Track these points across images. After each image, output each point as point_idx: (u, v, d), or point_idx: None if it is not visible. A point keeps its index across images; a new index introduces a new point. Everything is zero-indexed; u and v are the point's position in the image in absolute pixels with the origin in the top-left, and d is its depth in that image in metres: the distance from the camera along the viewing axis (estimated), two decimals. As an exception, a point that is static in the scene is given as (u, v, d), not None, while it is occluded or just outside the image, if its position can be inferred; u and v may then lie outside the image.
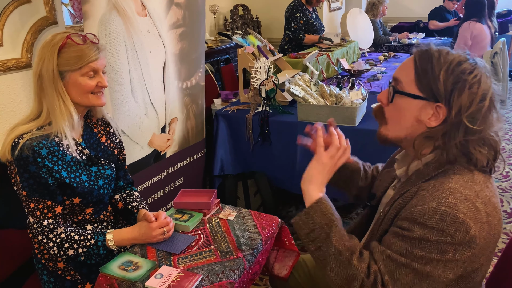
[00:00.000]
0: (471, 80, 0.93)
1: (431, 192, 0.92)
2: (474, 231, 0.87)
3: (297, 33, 3.92)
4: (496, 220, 0.93)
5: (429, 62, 0.96)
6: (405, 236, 0.92)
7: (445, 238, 0.87)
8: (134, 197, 1.56)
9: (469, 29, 4.37)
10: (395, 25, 6.62)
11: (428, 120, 0.97)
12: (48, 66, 1.25)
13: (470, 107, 0.92)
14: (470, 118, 0.93)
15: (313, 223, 1.02)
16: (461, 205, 0.88)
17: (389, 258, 0.94)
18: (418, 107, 0.98)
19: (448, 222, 0.87)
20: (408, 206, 0.95)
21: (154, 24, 1.97)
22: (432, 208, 0.89)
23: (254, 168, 2.47)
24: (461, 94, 0.92)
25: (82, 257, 1.32)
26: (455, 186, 0.91)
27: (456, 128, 0.94)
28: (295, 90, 2.24)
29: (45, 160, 1.25)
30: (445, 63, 0.94)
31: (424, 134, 0.98)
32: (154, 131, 2.10)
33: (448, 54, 0.96)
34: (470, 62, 0.95)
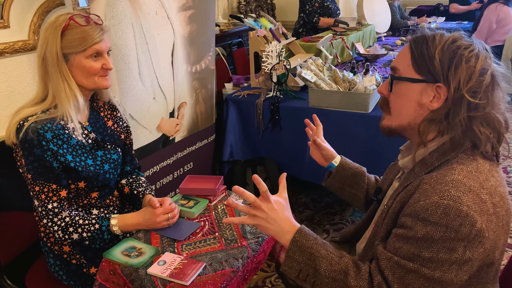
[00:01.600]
0: (468, 54, 0.91)
1: (433, 185, 0.88)
2: (480, 224, 0.83)
3: (311, 16, 3.82)
4: (504, 210, 0.89)
5: (424, 44, 0.95)
6: (409, 237, 0.88)
7: (450, 233, 0.83)
8: (140, 182, 1.55)
9: (496, 12, 4.19)
10: (414, 8, 6.41)
11: (430, 103, 0.95)
12: (52, 49, 1.23)
13: (469, 80, 0.90)
14: (471, 93, 0.90)
15: (297, 264, 0.99)
16: (465, 197, 0.84)
17: (397, 264, 0.89)
18: (418, 91, 0.96)
19: (451, 216, 0.83)
20: (411, 201, 0.91)
21: (162, 6, 1.93)
22: (435, 202, 0.85)
23: (264, 154, 2.43)
24: (458, 68, 0.90)
25: (87, 241, 1.31)
26: (458, 177, 0.87)
27: (458, 104, 0.91)
28: (306, 75, 2.18)
29: (50, 143, 1.24)
30: (440, 42, 0.93)
31: (428, 117, 0.96)
32: (163, 116, 2.08)
33: (442, 35, 0.95)
34: (466, 39, 0.94)
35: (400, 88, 0.99)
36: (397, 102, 1.00)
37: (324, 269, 0.96)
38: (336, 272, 0.95)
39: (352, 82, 2.19)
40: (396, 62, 1.02)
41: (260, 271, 2.15)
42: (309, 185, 2.89)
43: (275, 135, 2.34)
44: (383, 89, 1.04)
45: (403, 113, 1.00)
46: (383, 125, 1.06)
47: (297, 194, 2.92)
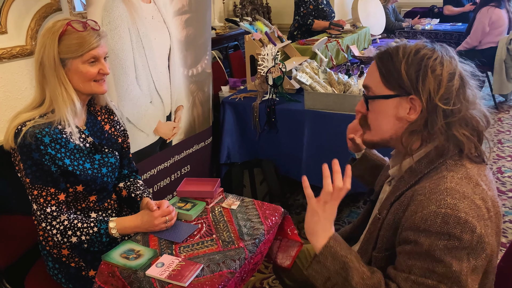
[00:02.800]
0: (432, 63, 0.92)
1: (428, 195, 0.89)
2: (480, 230, 0.84)
3: (306, 18, 3.85)
4: (494, 214, 0.90)
5: (389, 60, 0.96)
6: (418, 253, 0.87)
7: (453, 242, 0.84)
8: (138, 185, 1.56)
9: (487, 15, 4.23)
10: (409, 10, 6.46)
11: (408, 115, 0.96)
12: (49, 54, 1.25)
13: (439, 89, 0.91)
14: (443, 100, 0.91)
15: (327, 271, 0.96)
16: (461, 204, 0.85)
17: (415, 283, 0.88)
18: (394, 106, 0.97)
19: (451, 224, 0.84)
20: (408, 214, 0.91)
21: (159, 10, 1.95)
22: (433, 212, 0.86)
23: (261, 156, 2.45)
24: (425, 79, 0.92)
25: (85, 244, 1.33)
26: (451, 185, 0.88)
27: (433, 113, 0.92)
28: (302, 77, 2.20)
29: (48, 148, 1.25)
30: (404, 55, 0.94)
31: (408, 129, 0.97)
32: (160, 119, 2.09)
33: (405, 47, 0.96)
34: (429, 48, 0.95)
35: (376, 105, 1.00)
36: (376, 119, 1.02)
37: (356, 282, 0.93)
38: (367, 286, 0.93)
39: (347, 85, 2.22)
40: (367, 80, 1.03)
41: (258, 272, 2.16)
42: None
43: (271, 137, 2.36)
44: (360, 107, 1.06)
45: (383, 128, 1.01)
46: (366, 140, 1.07)
47: (294, 195, 2.93)
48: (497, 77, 4.28)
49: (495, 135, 3.84)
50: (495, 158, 3.38)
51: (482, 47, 4.36)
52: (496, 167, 3.23)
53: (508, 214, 2.62)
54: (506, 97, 4.70)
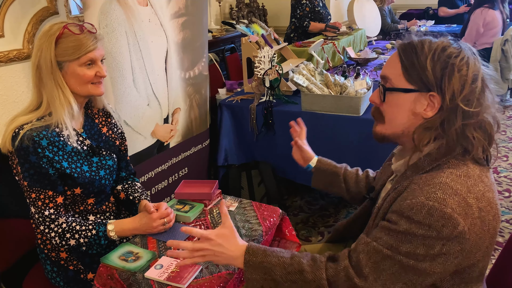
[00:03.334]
0: (459, 63, 0.91)
1: (421, 186, 0.90)
2: (462, 227, 0.85)
3: (302, 20, 3.87)
4: (490, 215, 0.90)
5: (413, 53, 0.94)
6: (391, 229, 0.91)
7: (431, 232, 0.86)
8: (136, 187, 1.57)
9: (481, 16, 4.26)
10: (404, 12, 6.50)
11: (424, 111, 0.95)
12: (46, 57, 1.25)
13: (463, 90, 0.90)
14: (465, 101, 0.91)
15: (257, 282, 1.00)
16: (450, 200, 0.86)
17: (374, 249, 0.92)
18: (411, 100, 0.96)
19: (435, 217, 0.85)
20: (399, 199, 0.93)
21: (155, 13, 1.96)
22: (420, 202, 0.87)
23: (258, 158, 2.46)
24: (451, 78, 0.91)
25: (84, 247, 1.33)
26: (446, 180, 0.89)
27: (453, 113, 0.92)
28: (298, 79, 2.21)
29: (46, 151, 1.26)
30: (430, 51, 0.92)
31: (422, 125, 0.96)
32: (157, 122, 2.10)
33: (431, 42, 0.94)
34: (455, 46, 0.94)
35: (393, 98, 0.98)
36: (391, 111, 1.00)
37: (280, 275, 0.97)
38: (291, 274, 0.97)
39: (344, 86, 2.23)
40: (386, 71, 1.01)
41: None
42: (303, 188, 2.92)
43: (269, 139, 2.37)
44: (375, 98, 1.03)
45: (397, 122, 1.00)
46: (377, 132, 1.06)
47: (292, 197, 2.94)
48: (492, 78, 4.31)
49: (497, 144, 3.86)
50: (491, 158, 3.40)
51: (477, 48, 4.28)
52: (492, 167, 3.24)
53: (504, 214, 2.64)
54: (502, 97, 4.73)
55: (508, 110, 4.54)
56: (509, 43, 4.18)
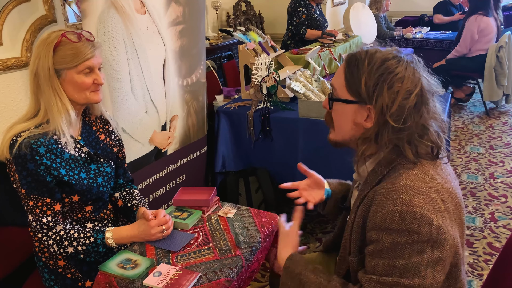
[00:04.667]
0: (391, 79, 0.93)
1: (386, 195, 0.92)
2: (436, 221, 0.87)
3: (299, 27, 3.90)
4: (453, 205, 0.93)
5: (355, 66, 0.97)
6: (380, 251, 0.91)
7: (413, 236, 0.87)
8: (133, 195, 1.57)
9: (476, 23, 4.31)
10: (400, 19, 6.56)
11: (364, 122, 0.98)
12: (44, 64, 1.25)
13: (392, 106, 0.92)
14: (394, 117, 0.93)
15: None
16: (416, 199, 0.88)
17: (378, 283, 0.91)
18: (352, 111, 0.99)
19: (408, 220, 0.87)
20: (370, 214, 0.95)
21: (153, 21, 1.97)
22: (390, 210, 0.89)
23: (256, 164, 2.46)
24: (380, 94, 0.93)
25: (82, 254, 1.32)
26: (406, 182, 0.91)
27: (383, 127, 0.95)
28: (296, 86, 2.23)
29: (43, 158, 1.26)
30: (369, 64, 0.95)
31: (362, 136, 1.00)
32: (155, 129, 2.10)
33: (375, 54, 0.97)
34: (395, 59, 0.95)
35: (338, 107, 1.03)
36: (337, 119, 1.05)
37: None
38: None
39: (340, 93, 2.24)
40: (334, 80, 1.05)
41: (254, 281, 2.16)
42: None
43: (266, 145, 2.38)
44: (325, 104, 1.08)
45: (343, 129, 1.04)
46: (330, 139, 1.11)
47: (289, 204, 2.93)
48: (487, 84, 4.35)
49: (486, 141, 3.89)
50: (487, 164, 3.42)
51: (472, 55, 4.44)
52: (489, 173, 3.27)
53: (501, 219, 2.65)
54: (497, 103, 4.77)
55: (504, 115, 4.58)
56: (504, 49, 4.23)
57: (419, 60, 0.99)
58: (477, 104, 4.96)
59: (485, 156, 3.58)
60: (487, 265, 2.22)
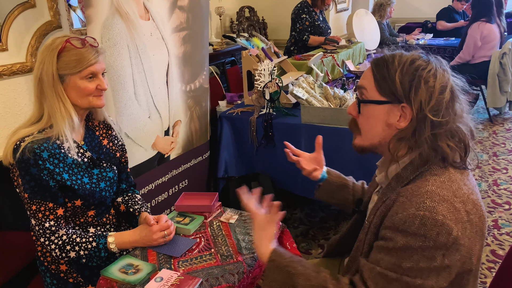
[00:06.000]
0: (426, 74, 0.94)
1: (409, 198, 0.92)
2: (456, 232, 0.86)
3: (302, 34, 3.91)
4: (477, 217, 0.92)
5: (384, 67, 0.98)
6: (390, 248, 0.91)
7: (428, 243, 0.86)
8: (136, 199, 1.57)
9: (478, 30, 4.31)
10: (403, 25, 6.57)
11: (398, 122, 0.98)
12: (48, 70, 1.27)
13: (430, 100, 0.93)
14: (433, 112, 0.94)
15: (276, 283, 1.02)
16: (440, 207, 0.87)
17: (379, 275, 0.92)
18: (384, 112, 0.99)
19: (428, 226, 0.86)
20: (390, 214, 0.95)
21: (157, 27, 1.98)
22: (412, 214, 0.88)
23: (258, 170, 2.46)
24: (418, 89, 0.94)
25: (84, 259, 1.32)
26: (432, 188, 0.91)
27: (422, 123, 0.95)
28: (298, 92, 2.24)
29: (46, 163, 1.26)
30: (399, 64, 0.96)
31: (396, 136, 0.99)
32: (158, 134, 2.11)
33: (401, 56, 0.99)
34: (424, 59, 0.97)
35: (368, 110, 1.02)
36: (366, 123, 1.04)
37: (302, 285, 0.98)
38: (314, 287, 0.97)
39: (343, 99, 2.25)
40: (362, 83, 1.04)
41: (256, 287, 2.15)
42: (303, 200, 2.92)
43: (269, 151, 2.38)
44: (352, 110, 1.07)
45: (373, 133, 1.03)
46: (355, 144, 1.09)
47: (291, 209, 2.93)
48: (490, 91, 4.34)
49: (490, 148, 3.87)
50: (490, 171, 3.41)
51: (475, 61, 4.43)
52: (492, 180, 3.25)
53: (505, 226, 2.63)
54: (500, 110, 4.75)
55: (507, 122, 4.56)
56: (507, 56, 4.23)
57: (442, 61, 1.00)
58: (481, 110, 4.95)
59: (488, 163, 3.57)
60: (490, 272, 2.20)
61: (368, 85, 1.02)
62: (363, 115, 1.04)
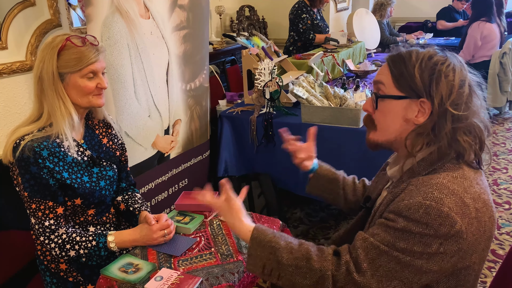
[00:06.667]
0: (446, 69, 0.94)
1: (419, 187, 0.92)
2: (460, 226, 0.86)
3: (307, 34, 3.90)
4: (486, 217, 0.92)
5: (402, 63, 0.98)
6: (389, 226, 0.92)
7: (429, 231, 0.87)
8: (136, 198, 1.57)
9: (479, 30, 4.31)
10: (403, 25, 6.57)
11: (416, 118, 0.98)
12: (48, 68, 1.26)
13: (451, 94, 0.93)
14: (454, 105, 0.94)
15: (260, 259, 1.01)
16: (447, 199, 0.88)
17: (371, 245, 0.93)
18: (403, 107, 0.99)
19: (432, 216, 0.87)
20: (396, 200, 0.95)
21: (157, 26, 1.98)
22: (418, 202, 0.89)
23: (258, 169, 2.46)
24: (439, 83, 0.94)
25: (84, 258, 1.32)
26: (442, 181, 0.91)
27: (443, 117, 0.94)
28: (298, 91, 2.23)
29: (46, 161, 1.26)
30: (417, 59, 0.96)
31: (415, 131, 0.99)
32: (158, 133, 2.11)
33: (418, 52, 0.98)
34: (441, 55, 0.98)
35: (385, 105, 1.02)
36: (383, 119, 1.03)
37: (286, 258, 0.98)
38: (298, 259, 0.97)
39: (343, 98, 2.24)
40: (379, 78, 1.04)
41: (256, 287, 2.15)
42: (303, 200, 2.92)
43: (269, 150, 2.37)
44: (368, 106, 1.07)
45: (390, 129, 1.02)
46: (370, 140, 1.08)
47: (292, 208, 2.93)
48: (491, 90, 4.34)
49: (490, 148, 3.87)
50: (490, 171, 3.40)
51: (476, 61, 4.43)
52: (492, 179, 3.25)
53: (505, 226, 2.63)
54: (500, 110, 4.75)
55: (507, 122, 4.56)
56: (507, 56, 4.23)
57: (458, 56, 1.00)
58: (481, 110, 4.94)
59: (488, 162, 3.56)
60: (490, 272, 2.20)
61: (386, 80, 1.01)
62: (380, 110, 1.03)
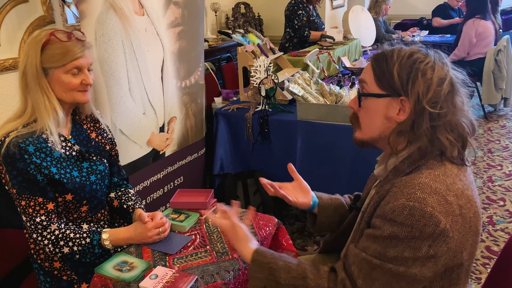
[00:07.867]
0: (423, 67, 0.95)
1: (402, 188, 0.93)
2: (444, 225, 0.87)
3: (302, 30, 3.90)
4: (471, 213, 0.93)
5: (384, 61, 1.00)
6: (377, 236, 0.93)
7: (414, 233, 0.88)
8: (129, 195, 1.56)
9: (473, 27, 4.32)
10: (399, 22, 6.58)
11: (397, 116, 0.99)
12: (31, 63, 1.25)
13: (428, 92, 0.94)
14: (431, 104, 0.94)
15: (261, 281, 1.04)
16: (430, 199, 0.88)
17: (363, 260, 0.94)
18: (384, 105, 1.00)
19: (416, 217, 0.87)
20: (382, 203, 0.96)
21: (152, 23, 1.97)
22: (401, 204, 0.90)
23: (254, 167, 2.46)
24: (415, 82, 0.95)
25: (77, 255, 1.31)
26: (425, 180, 0.91)
27: (421, 116, 0.95)
28: (294, 89, 2.23)
29: (33, 157, 1.24)
30: (398, 58, 0.98)
31: (396, 129, 1.00)
32: (153, 130, 2.09)
33: (400, 50, 1.00)
34: (423, 52, 0.99)
35: (368, 103, 1.03)
36: (366, 116, 1.05)
37: (284, 278, 1.01)
38: (295, 279, 1.00)
39: (339, 95, 2.24)
40: (363, 77, 1.06)
41: (252, 284, 2.15)
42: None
43: (264, 148, 2.37)
44: (353, 104, 1.09)
45: (372, 126, 1.04)
46: (356, 138, 1.10)
47: (287, 206, 2.93)
48: (485, 88, 4.36)
49: (485, 145, 3.89)
50: (485, 168, 3.42)
51: (471, 58, 4.45)
52: (487, 176, 3.26)
53: (499, 222, 2.65)
54: (495, 107, 4.77)
55: (502, 119, 4.58)
56: (502, 53, 4.24)
57: (442, 54, 1.01)
58: (476, 107, 4.96)
59: (483, 159, 3.58)
60: (485, 268, 2.21)
61: (368, 79, 1.03)
62: (363, 108, 1.05)
